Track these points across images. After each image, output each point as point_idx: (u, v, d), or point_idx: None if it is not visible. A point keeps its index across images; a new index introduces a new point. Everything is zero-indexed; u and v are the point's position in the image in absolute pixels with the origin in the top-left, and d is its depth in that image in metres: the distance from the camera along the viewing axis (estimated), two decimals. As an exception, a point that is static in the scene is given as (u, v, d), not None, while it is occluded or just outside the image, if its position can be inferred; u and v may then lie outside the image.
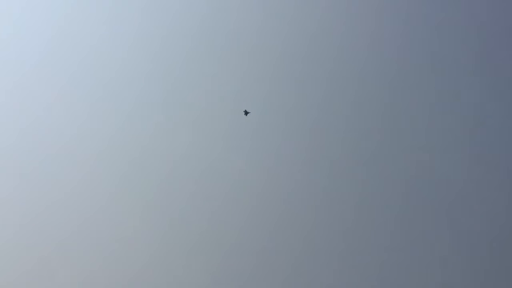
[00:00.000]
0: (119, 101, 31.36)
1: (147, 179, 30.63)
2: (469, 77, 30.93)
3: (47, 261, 29.85)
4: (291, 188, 30.49)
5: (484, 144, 30.34)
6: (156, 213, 30.25)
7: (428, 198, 30.03)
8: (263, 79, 31.60)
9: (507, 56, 30.65)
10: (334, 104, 31.30)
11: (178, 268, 29.47)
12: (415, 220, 29.88)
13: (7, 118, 30.84)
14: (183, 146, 30.95)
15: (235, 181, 30.43)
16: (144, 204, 30.38)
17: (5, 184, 30.41)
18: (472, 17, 31.12)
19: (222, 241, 29.95)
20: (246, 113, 28.95)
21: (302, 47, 31.67)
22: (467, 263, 28.73)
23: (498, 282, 28.30)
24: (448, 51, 31.18)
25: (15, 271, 29.51)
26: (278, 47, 31.73)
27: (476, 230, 29.16)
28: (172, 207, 30.33)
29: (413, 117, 31.05)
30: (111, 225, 30.07)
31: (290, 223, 30.24)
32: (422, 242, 29.50)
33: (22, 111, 31.35)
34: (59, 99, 31.24)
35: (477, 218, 29.25)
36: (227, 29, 31.86)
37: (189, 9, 31.95)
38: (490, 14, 30.98)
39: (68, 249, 30.05)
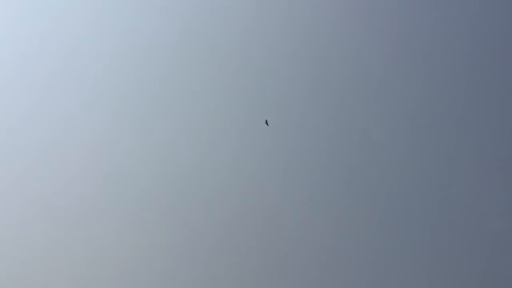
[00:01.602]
0: (109, 100, 31.37)
1: (137, 179, 30.50)
2: (469, 76, 30.64)
3: (40, 261, 29.83)
4: (282, 190, 30.26)
5: (485, 143, 29.96)
6: (146, 213, 30.13)
7: (425, 198, 29.61)
8: (257, 79, 31.48)
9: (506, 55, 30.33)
10: (328, 104, 31.06)
11: (171, 268, 29.36)
12: (412, 220, 29.47)
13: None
14: (174, 146, 30.89)
15: (226, 181, 30.31)
16: (135, 203, 30.28)
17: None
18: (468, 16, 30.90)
19: (216, 241, 29.82)
20: (266, 123, 29.33)
21: (295, 47, 31.57)
22: (466, 264, 28.30)
23: (498, 282, 27.83)
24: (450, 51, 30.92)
25: (8, 271, 29.49)
26: (272, 46, 31.62)
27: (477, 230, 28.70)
28: (163, 206, 30.20)
29: (413, 117, 30.71)
30: (101, 226, 30.01)
31: (282, 224, 29.99)
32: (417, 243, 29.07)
33: (7, 112, 31.42)
34: (45, 99, 31.32)
35: (477, 218, 28.80)
36: (220, 30, 31.88)
37: (181, 9, 32.04)
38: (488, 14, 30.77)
39: (62, 248, 29.98)
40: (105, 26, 31.54)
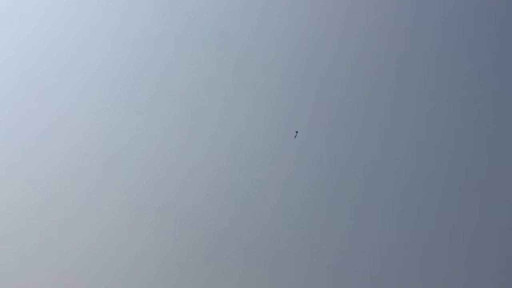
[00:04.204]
0: (106, 96, 31.25)
1: (134, 176, 30.30)
2: (471, 77, 30.63)
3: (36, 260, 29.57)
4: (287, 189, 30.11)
5: (487, 142, 29.96)
6: (141, 212, 29.93)
7: (428, 197, 29.50)
8: (258, 78, 31.39)
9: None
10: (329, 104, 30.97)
11: (173, 268, 29.19)
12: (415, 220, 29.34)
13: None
14: (171, 142, 30.75)
15: (224, 179, 30.19)
16: (129, 201, 30.05)
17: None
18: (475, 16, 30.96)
19: (214, 240, 29.64)
20: (296, 134, 29.44)
21: (298, 47, 31.51)
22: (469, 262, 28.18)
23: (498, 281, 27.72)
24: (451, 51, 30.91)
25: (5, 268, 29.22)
26: (274, 47, 31.56)
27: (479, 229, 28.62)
28: (159, 204, 30.00)
29: (414, 117, 30.65)
30: (93, 223, 29.79)
31: (285, 223, 29.83)
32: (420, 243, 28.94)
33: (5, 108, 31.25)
34: (39, 92, 31.17)
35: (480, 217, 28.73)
36: (220, 28, 31.82)
37: (181, 7, 31.98)
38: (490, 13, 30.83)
39: (56, 242, 29.72)
40: (109, 18, 31.56)
